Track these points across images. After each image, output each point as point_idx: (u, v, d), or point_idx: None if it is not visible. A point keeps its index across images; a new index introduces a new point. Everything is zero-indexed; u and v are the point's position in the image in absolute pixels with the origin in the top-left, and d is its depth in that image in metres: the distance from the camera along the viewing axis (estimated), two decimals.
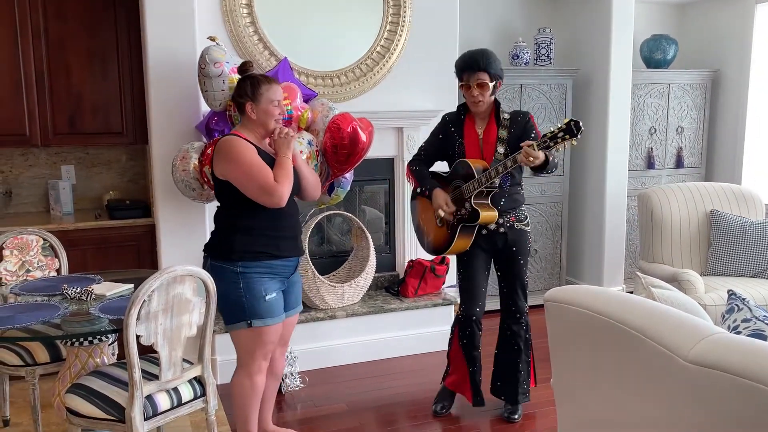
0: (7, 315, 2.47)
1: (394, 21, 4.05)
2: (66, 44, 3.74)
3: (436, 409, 3.33)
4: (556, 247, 5.04)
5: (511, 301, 3.21)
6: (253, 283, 2.58)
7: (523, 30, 5.08)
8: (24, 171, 4.06)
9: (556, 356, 2.32)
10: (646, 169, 5.23)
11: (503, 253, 3.19)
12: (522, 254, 3.19)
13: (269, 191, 2.50)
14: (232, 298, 2.58)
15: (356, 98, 4.02)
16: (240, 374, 2.70)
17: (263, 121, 2.62)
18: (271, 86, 2.62)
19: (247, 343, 2.64)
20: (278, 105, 2.63)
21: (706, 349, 1.63)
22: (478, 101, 3.04)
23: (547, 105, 4.84)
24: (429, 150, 3.28)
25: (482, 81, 3.01)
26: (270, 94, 2.60)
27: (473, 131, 3.14)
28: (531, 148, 2.80)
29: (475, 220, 3.04)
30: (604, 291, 2.09)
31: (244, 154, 2.51)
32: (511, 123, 3.09)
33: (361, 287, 3.98)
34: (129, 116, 3.89)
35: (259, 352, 2.65)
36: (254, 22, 3.74)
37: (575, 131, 2.75)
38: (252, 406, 2.71)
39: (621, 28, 4.76)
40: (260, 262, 2.60)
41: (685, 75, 5.22)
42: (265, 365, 2.71)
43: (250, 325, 2.59)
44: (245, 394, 2.69)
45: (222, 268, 2.57)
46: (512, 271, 3.20)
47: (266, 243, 2.61)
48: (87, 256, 3.69)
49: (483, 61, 3.00)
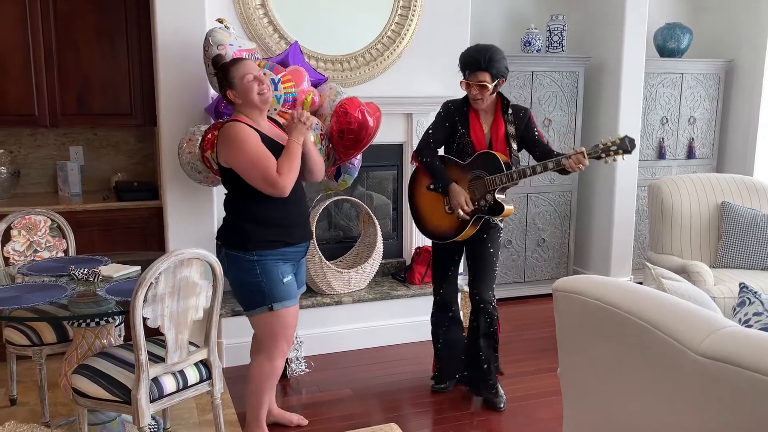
0: (14, 295, 2.47)
1: (405, 5, 4.00)
2: (75, 22, 3.71)
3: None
4: (563, 237, 5.01)
5: (476, 290, 3.17)
6: (269, 267, 2.58)
7: (535, 16, 5.02)
8: (33, 151, 4.05)
9: (564, 346, 2.31)
10: (656, 159, 5.18)
11: (474, 242, 3.17)
12: (492, 242, 3.16)
13: (272, 183, 2.47)
14: (250, 284, 2.58)
15: (366, 83, 3.99)
16: (261, 358, 2.71)
17: (247, 99, 2.57)
18: (238, 64, 2.58)
19: (269, 327, 2.65)
20: (254, 78, 2.56)
21: (718, 343, 1.61)
22: (477, 99, 3.01)
23: (558, 93, 4.79)
24: (438, 137, 3.21)
25: (482, 82, 2.95)
26: (239, 72, 2.56)
27: (478, 124, 3.10)
28: (582, 155, 2.80)
29: (496, 214, 3.02)
30: (614, 282, 2.06)
31: (247, 143, 2.48)
32: (515, 119, 3.08)
33: (368, 273, 3.97)
34: (138, 97, 3.88)
35: (281, 335, 2.66)
36: (264, 5, 3.70)
37: (629, 148, 2.77)
38: (268, 390, 2.73)
39: (634, 16, 4.70)
40: (275, 250, 2.60)
41: (698, 65, 5.15)
42: (287, 349, 2.72)
43: (271, 308, 2.60)
44: (264, 376, 2.70)
45: (237, 256, 2.57)
46: (481, 261, 3.16)
47: (279, 232, 2.60)
48: (94, 237, 3.69)
49: (485, 61, 2.93)
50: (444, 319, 3.37)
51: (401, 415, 3.19)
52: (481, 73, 2.94)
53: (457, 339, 3.41)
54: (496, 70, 2.95)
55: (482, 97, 2.99)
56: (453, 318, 3.39)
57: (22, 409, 3.18)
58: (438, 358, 3.42)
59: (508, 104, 3.08)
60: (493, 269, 3.18)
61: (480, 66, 2.94)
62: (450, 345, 3.39)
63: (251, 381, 2.73)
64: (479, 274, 3.16)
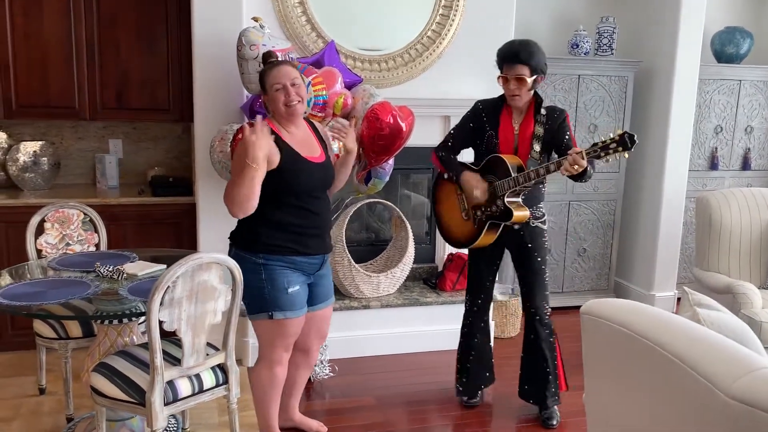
0: (39, 290, 2.50)
1: (447, 4, 3.90)
2: (116, 18, 3.75)
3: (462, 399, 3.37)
4: (606, 247, 4.83)
5: (530, 302, 3.09)
6: (275, 274, 2.53)
7: (584, 18, 4.84)
8: (73, 143, 4.13)
9: (590, 372, 2.20)
10: (708, 169, 4.94)
11: (519, 252, 3.09)
12: (538, 251, 3.06)
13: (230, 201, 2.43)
14: (254, 288, 2.54)
15: (403, 84, 3.91)
16: (260, 365, 2.67)
17: (274, 107, 2.54)
18: (272, 70, 2.52)
19: (268, 334, 2.61)
20: (283, 87, 2.49)
21: (751, 385, 1.48)
22: (515, 95, 2.91)
23: (606, 98, 4.61)
24: (457, 138, 3.14)
25: (521, 75, 2.87)
26: (271, 79, 2.51)
27: (509, 125, 3.01)
28: (580, 156, 2.67)
29: (507, 219, 2.94)
30: (644, 309, 1.94)
31: (239, 155, 2.41)
32: (548, 119, 2.95)
33: (398, 278, 3.90)
34: (176, 93, 3.90)
35: (279, 343, 2.61)
36: (303, 3, 3.66)
37: (629, 144, 2.62)
38: (272, 398, 2.68)
39: (690, 19, 4.47)
40: (283, 256, 2.54)
41: (758, 71, 4.88)
42: (286, 357, 2.67)
43: (271, 316, 2.55)
44: (264, 384, 2.67)
45: (244, 257, 2.53)
46: (530, 270, 3.08)
47: (290, 238, 2.55)
48: (128, 231, 3.73)
49: (524, 53, 2.85)
50: (477, 330, 3.28)
51: (424, 428, 3.12)
52: (519, 66, 2.87)
53: (486, 350, 3.34)
54: (536, 63, 2.86)
55: (520, 92, 2.90)
56: (484, 329, 3.31)
57: (50, 399, 3.24)
58: (466, 371, 3.31)
59: (542, 104, 2.97)
60: (544, 278, 3.08)
61: (518, 58, 2.86)
62: (480, 358, 3.31)
63: (254, 389, 2.71)
64: (530, 285, 3.09)
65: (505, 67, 2.92)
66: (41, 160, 3.91)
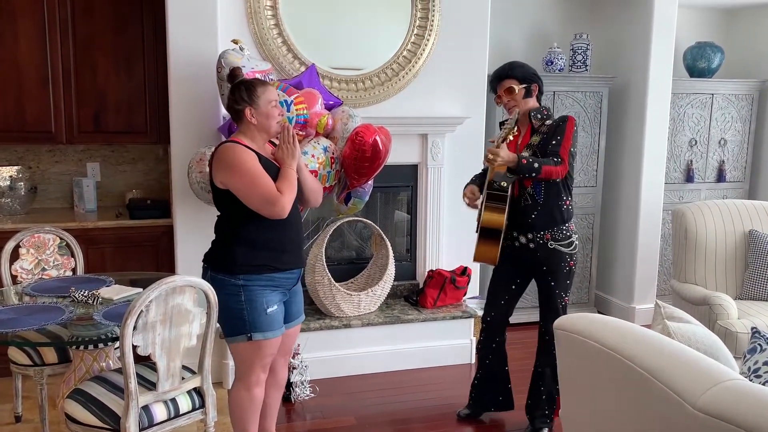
0: (11, 317, 2.47)
1: (421, 25, 3.95)
2: (93, 41, 3.75)
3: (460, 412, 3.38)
4: (586, 260, 4.87)
5: (542, 322, 3.13)
6: (255, 296, 2.52)
7: (558, 35, 4.91)
8: (50, 167, 4.10)
9: (565, 387, 2.21)
10: (684, 182, 5.01)
11: (534, 272, 3.10)
12: (553, 275, 3.02)
13: (272, 201, 2.42)
14: (233, 310, 2.52)
15: (380, 103, 3.94)
16: (238, 386, 2.65)
17: (265, 125, 2.53)
18: (266, 87, 2.54)
19: (246, 356, 2.59)
20: (276, 106, 2.55)
21: (717, 397, 1.50)
22: (510, 107, 3.04)
23: (582, 113, 4.67)
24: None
25: (508, 85, 3.02)
26: (267, 95, 2.52)
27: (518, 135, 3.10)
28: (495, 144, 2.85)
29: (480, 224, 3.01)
30: (617, 323, 1.96)
31: (245, 162, 2.44)
32: (549, 128, 2.99)
33: (378, 296, 3.90)
34: (153, 115, 3.89)
35: (257, 364, 2.60)
36: (278, 24, 3.69)
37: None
38: (250, 419, 2.66)
39: (662, 35, 4.56)
40: (262, 275, 2.53)
41: (730, 85, 4.98)
42: (264, 377, 2.65)
43: (250, 338, 2.53)
44: (243, 406, 2.64)
45: (222, 280, 2.51)
46: (543, 292, 3.10)
47: (268, 256, 2.54)
48: (106, 254, 3.70)
49: (505, 70, 3.06)
50: (488, 348, 3.23)
51: None
52: (505, 80, 3.03)
53: (497, 373, 3.27)
54: (521, 73, 3.03)
55: (514, 102, 3.02)
56: (496, 350, 3.23)
57: (26, 427, 3.19)
58: (474, 388, 3.32)
59: (538, 110, 3.01)
60: (557, 302, 3.05)
61: (504, 75, 3.04)
62: (488, 376, 3.27)
63: (232, 411, 2.68)
64: (543, 306, 3.12)
65: (496, 86, 3.09)
66: (18, 185, 3.88)
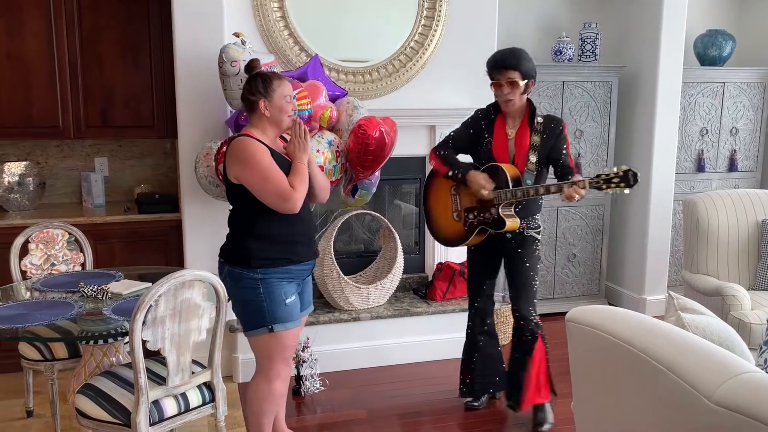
0: (21, 313, 2.47)
1: (429, 15, 3.91)
2: (99, 35, 3.74)
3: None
4: (596, 252, 4.83)
5: (516, 306, 3.10)
6: (273, 288, 2.52)
7: (567, 24, 4.86)
8: (59, 162, 4.10)
9: (577, 379, 2.18)
10: (695, 172, 4.96)
11: (509, 257, 3.11)
12: (528, 258, 3.06)
13: (284, 197, 2.43)
14: (252, 303, 2.53)
15: (388, 95, 3.91)
16: (258, 379, 2.65)
17: (277, 119, 2.54)
18: (282, 81, 2.55)
19: (267, 348, 2.59)
20: (290, 101, 2.55)
21: (734, 390, 1.48)
22: (509, 99, 2.93)
23: (591, 103, 4.63)
24: (457, 141, 3.15)
25: (513, 78, 2.90)
26: (282, 90, 2.52)
27: (503, 132, 3.02)
28: (581, 185, 2.71)
29: (498, 228, 2.95)
30: (629, 315, 1.94)
31: (258, 157, 2.43)
32: (544, 128, 2.96)
33: (387, 289, 3.89)
34: (160, 109, 3.89)
35: (279, 357, 2.60)
36: (285, 16, 3.66)
37: (632, 182, 2.65)
38: (267, 412, 2.67)
39: (672, 23, 4.50)
40: (279, 268, 2.54)
41: (742, 73, 4.91)
42: (285, 371, 2.66)
43: (271, 330, 2.54)
44: (262, 398, 2.64)
45: (240, 274, 2.52)
46: (518, 274, 3.08)
47: (284, 249, 2.55)
48: (115, 249, 3.71)
49: (513, 59, 2.91)
50: (479, 332, 3.29)
51: None
52: (510, 71, 2.90)
53: (493, 353, 3.33)
54: (525, 68, 2.92)
55: (513, 96, 2.92)
56: (488, 332, 3.31)
57: (37, 422, 3.20)
58: (472, 372, 3.33)
59: (536, 111, 2.99)
60: (532, 284, 3.09)
61: (509, 64, 2.91)
62: (485, 359, 3.32)
63: (250, 403, 2.68)
64: (517, 290, 3.10)
65: (496, 73, 2.95)
66: (26, 181, 3.89)
